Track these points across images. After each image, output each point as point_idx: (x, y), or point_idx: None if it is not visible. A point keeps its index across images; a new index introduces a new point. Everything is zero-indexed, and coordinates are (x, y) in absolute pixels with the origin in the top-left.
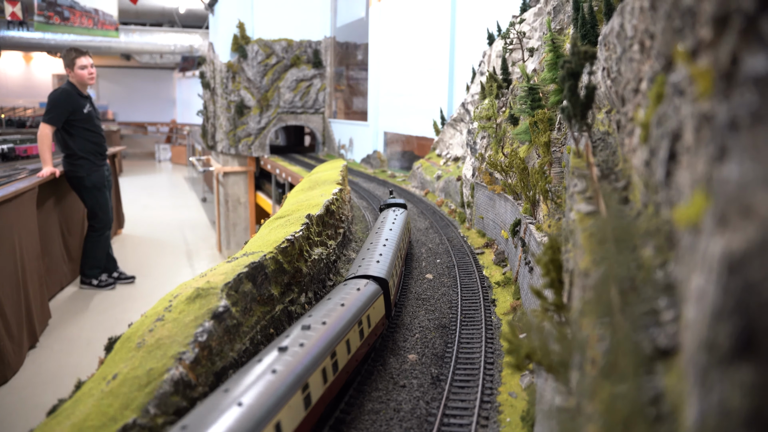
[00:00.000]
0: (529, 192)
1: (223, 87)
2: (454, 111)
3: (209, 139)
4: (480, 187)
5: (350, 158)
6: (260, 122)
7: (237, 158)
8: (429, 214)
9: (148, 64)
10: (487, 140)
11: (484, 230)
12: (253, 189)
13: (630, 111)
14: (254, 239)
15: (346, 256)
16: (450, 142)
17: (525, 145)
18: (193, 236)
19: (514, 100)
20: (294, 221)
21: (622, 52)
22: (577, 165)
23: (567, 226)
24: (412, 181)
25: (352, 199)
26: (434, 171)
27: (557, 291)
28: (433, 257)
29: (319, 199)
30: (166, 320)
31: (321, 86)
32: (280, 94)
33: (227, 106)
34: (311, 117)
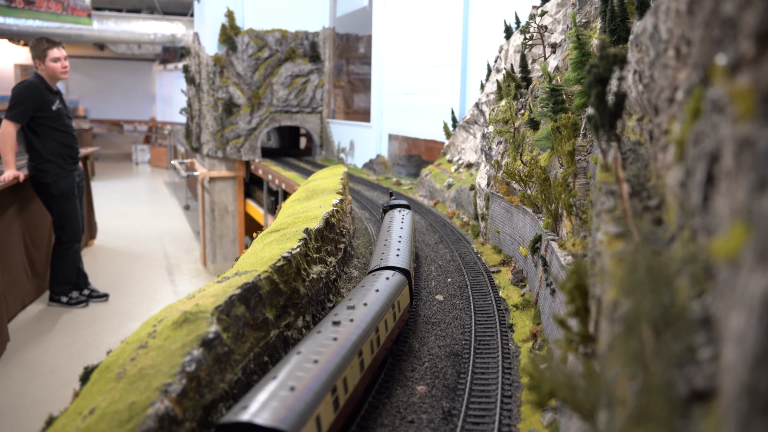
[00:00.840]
0: (550, 205)
1: (210, 83)
2: (467, 112)
3: (194, 140)
4: (496, 197)
5: (351, 163)
6: (251, 122)
7: (224, 162)
8: (439, 226)
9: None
10: (503, 146)
11: (501, 246)
12: (242, 196)
13: (664, 123)
14: (246, 256)
15: (347, 274)
16: (462, 146)
17: (546, 153)
18: (174, 248)
19: (534, 101)
20: (290, 236)
21: (655, 56)
22: (604, 180)
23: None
24: (419, 190)
25: (354, 209)
26: (444, 179)
27: (583, 320)
28: (443, 276)
29: (318, 210)
30: (150, 348)
31: (318, 83)
32: (273, 91)
33: (214, 104)
34: (308, 117)
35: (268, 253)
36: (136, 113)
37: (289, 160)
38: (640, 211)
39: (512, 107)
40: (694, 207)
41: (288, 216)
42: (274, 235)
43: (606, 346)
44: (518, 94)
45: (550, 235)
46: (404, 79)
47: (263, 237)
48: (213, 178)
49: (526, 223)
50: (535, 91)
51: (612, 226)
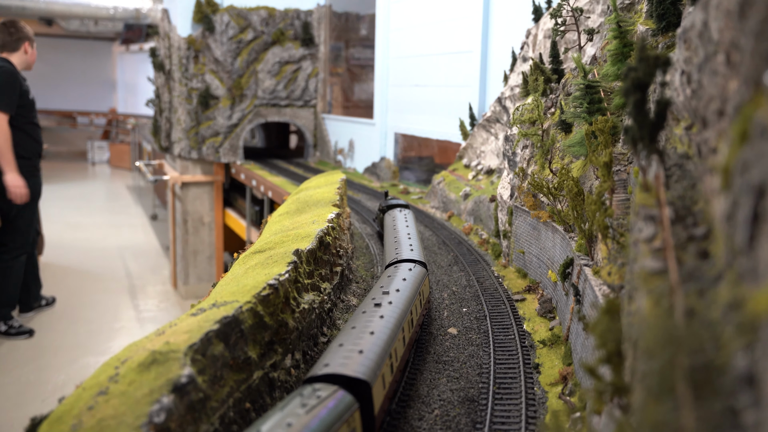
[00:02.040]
0: (584, 224)
1: (183, 70)
2: (488, 108)
3: (163, 138)
4: (520, 212)
5: (350, 167)
6: (231, 117)
7: (200, 164)
8: (453, 245)
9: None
10: (530, 151)
11: (526, 269)
12: (220, 205)
13: (712, 139)
14: (225, 281)
15: (344, 303)
16: (482, 149)
17: (579, 161)
18: (138, 266)
19: (566, 99)
20: (278, 258)
21: (704, 58)
22: (644, 202)
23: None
24: (430, 200)
25: (353, 224)
26: (460, 187)
27: (616, 368)
28: (457, 304)
29: (310, 227)
30: (112, 394)
31: (312, 71)
32: (257, 80)
33: (187, 96)
34: (299, 111)
35: (252, 279)
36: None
37: (276, 162)
38: (684, 240)
39: (540, 105)
40: (739, 246)
41: (275, 233)
42: (258, 257)
43: (637, 404)
44: (548, 90)
45: (584, 260)
46: (413, 69)
47: (246, 259)
48: (186, 183)
49: (555, 244)
50: (567, 86)
51: (650, 260)
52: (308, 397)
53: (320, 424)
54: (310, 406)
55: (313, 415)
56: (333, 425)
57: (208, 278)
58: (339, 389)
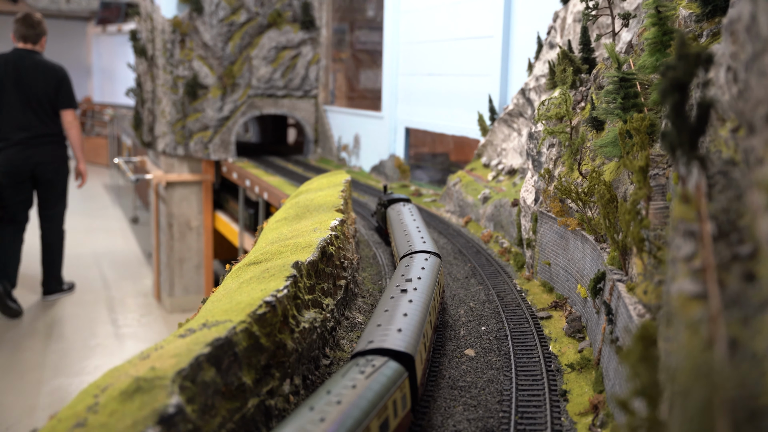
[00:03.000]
0: (617, 234)
1: (167, 55)
2: (510, 100)
3: (145, 132)
4: (546, 218)
5: (355, 165)
6: (222, 109)
7: (187, 162)
8: (470, 254)
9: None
10: (557, 150)
11: (552, 283)
12: (210, 208)
13: (759, 147)
14: (217, 297)
15: (349, 320)
16: (503, 146)
17: (612, 162)
18: (117, 276)
19: (597, 93)
20: (275, 272)
21: (752, 55)
22: (683, 215)
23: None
24: (445, 203)
25: (359, 231)
26: (479, 189)
27: (652, 401)
28: (475, 323)
29: (311, 236)
30: (91, 427)
31: (313, 57)
32: (251, 67)
33: (173, 85)
34: (298, 103)
35: (246, 295)
36: None
37: (273, 160)
38: (728, 260)
39: (569, 99)
40: None
41: (272, 242)
42: (253, 270)
43: None
44: (577, 82)
45: (617, 274)
46: (426, 56)
47: (239, 271)
48: (171, 182)
49: (585, 255)
50: (599, 78)
51: (688, 282)
52: (364, 366)
53: (379, 388)
54: (368, 373)
55: (371, 380)
56: (390, 389)
57: (196, 289)
58: (389, 360)
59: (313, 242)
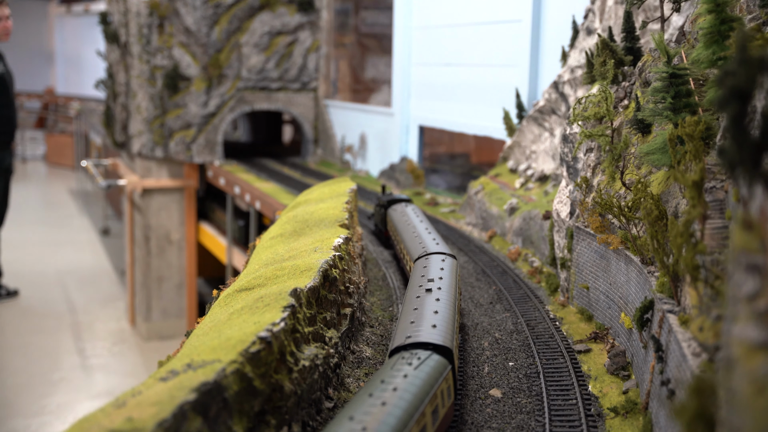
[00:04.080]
0: (667, 257)
1: (143, 42)
2: (541, 95)
3: (118, 130)
4: (584, 235)
5: (361, 169)
6: (207, 105)
7: (166, 165)
8: (496, 275)
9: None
10: (596, 156)
11: (591, 310)
12: (193, 219)
13: None
14: (203, 330)
15: (356, 354)
16: (532, 148)
17: (661, 172)
18: (85, 297)
19: (643, 90)
20: (270, 301)
21: None
22: (745, 246)
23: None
24: (466, 214)
25: (366, 248)
26: (505, 199)
27: None
28: (501, 357)
29: (311, 257)
30: None
31: (312, 44)
32: (241, 56)
33: (150, 76)
34: (295, 97)
35: (237, 328)
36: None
37: (266, 163)
38: None
39: (610, 97)
40: None
41: (266, 263)
42: (245, 298)
43: None
44: (619, 76)
45: (667, 304)
46: (443, 42)
47: (229, 298)
48: (148, 189)
49: (629, 279)
50: (645, 72)
51: (752, 327)
52: (410, 359)
53: (427, 378)
54: (416, 365)
55: (420, 371)
56: (437, 379)
57: (177, 313)
58: (433, 353)
59: (314, 265)
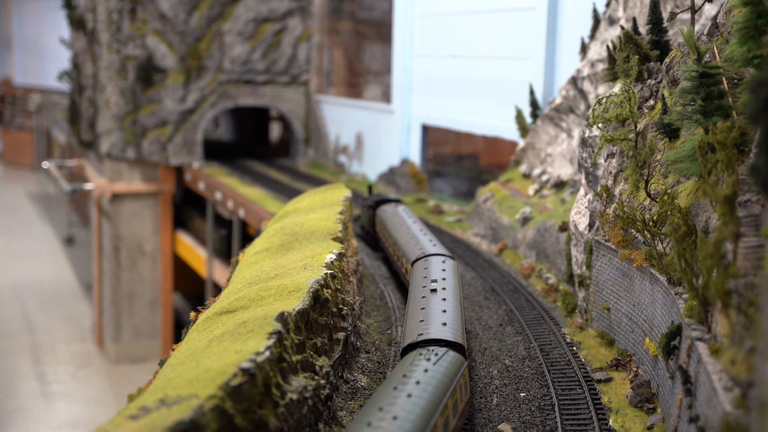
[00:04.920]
0: (696, 278)
1: (113, 30)
2: (557, 92)
3: (84, 128)
4: (604, 250)
5: (357, 172)
6: (185, 100)
7: (139, 167)
8: (506, 293)
9: None
10: (618, 162)
11: (612, 334)
12: (169, 227)
13: None
14: (179, 359)
15: (350, 384)
16: (548, 151)
17: (690, 182)
18: (45, 315)
19: (671, 89)
20: (254, 326)
21: None
22: None
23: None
24: (473, 224)
25: (362, 262)
26: (517, 207)
27: None
28: (512, 387)
29: (301, 275)
30: None
31: (302, 32)
32: (223, 46)
33: (120, 67)
34: (284, 91)
35: (217, 358)
36: None
37: (251, 165)
38: None
39: (633, 97)
40: None
41: (250, 282)
42: (226, 321)
43: None
44: (644, 73)
45: (696, 330)
46: (449, 32)
47: (208, 322)
48: (118, 194)
49: (655, 300)
50: (673, 69)
51: None
52: (427, 354)
53: (447, 372)
54: (434, 360)
55: (439, 365)
56: (456, 374)
57: (150, 333)
58: (449, 349)
59: (303, 284)
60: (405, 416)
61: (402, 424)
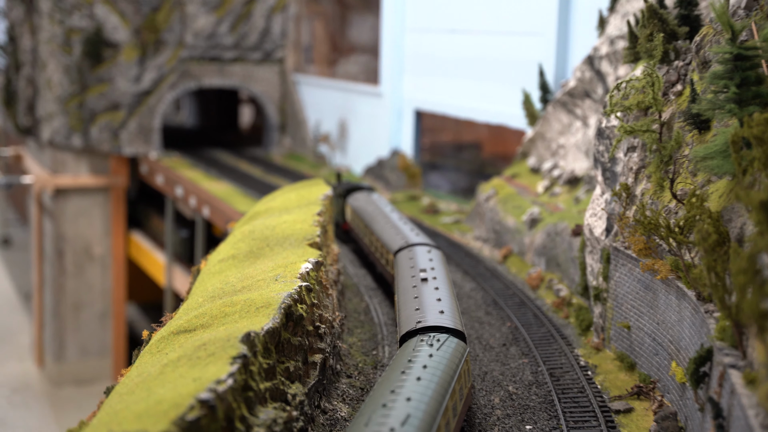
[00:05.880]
0: (729, 295)
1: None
2: (571, 73)
3: (22, 111)
4: (624, 259)
5: (341, 164)
6: (141, 79)
7: (86, 158)
8: (512, 306)
9: None
10: (639, 156)
11: (633, 356)
12: (122, 227)
13: None
14: (128, 387)
15: (328, 414)
16: (560, 141)
17: (722, 181)
18: None
19: (701, 72)
20: (215, 349)
21: None
22: None
23: None
24: (474, 226)
25: (344, 270)
26: (524, 207)
27: None
28: (516, 418)
29: (271, 288)
30: None
31: (276, 2)
32: (185, 16)
33: (64, 41)
34: (255, 70)
35: (172, 386)
36: None
37: (218, 155)
38: None
39: (658, 82)
40: None
41: (213, 295)
42: (184, 342)
43: None
44: (671, 53)
45: (730, 356)
46: (447, 4)
47: (163, 343)
48: (63, 189)
49: (682, 318)
50: (704, 49)
51: None
52: (430, 341)
53: (451, 358)
54: (437, 346)
55: (444, 351)
56: (460, 359)
57: (99, 350)
58: (450, 336)
59: (274, 299)
60: (418, 398)
61: (416, 405)
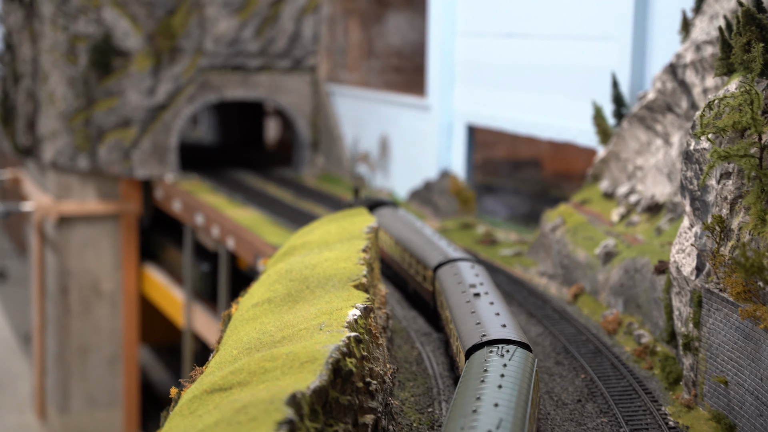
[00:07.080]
0: None
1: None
2: (650, 84)
3: (21, 128)
4: (719, 303)
5: (382, 186)
6: (154, 92)
7: (94, 181)
8: (585, 355)
9: None
10: (735, 184)
11: (731, 416)
12: (134, 260)
13: None
14: None
15: None
16: (638, 163)
17: None
18: None
19: None
20: (258, 413)
21: None
22: None
23: None
24: (538, 260)
25: (392, 312)
26: (596, 238)
27: None
28: None
29: (315, 339)
30: None
31: (307, 3)
32: (204, 20)
33: (69, 50)
34: (283, 80)
35: None
36: None
37: (242, 177)
38: None
39: (757, 99)
40: None
41: (249, 347)
42: (219, 402)
43: None
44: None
45: None
46: (504, 4)
47: (195, 403)
48: (67, 217)
49: None
50: None
51: None
52: (500, 351)
53: (524, 367)
54: (509, 357)
55: (515, 361)
56: (532, 371)
57: (109, 400)
58: (518, 348)
59: (319, 353)
60: (506, 404)
61: (505, 410)
